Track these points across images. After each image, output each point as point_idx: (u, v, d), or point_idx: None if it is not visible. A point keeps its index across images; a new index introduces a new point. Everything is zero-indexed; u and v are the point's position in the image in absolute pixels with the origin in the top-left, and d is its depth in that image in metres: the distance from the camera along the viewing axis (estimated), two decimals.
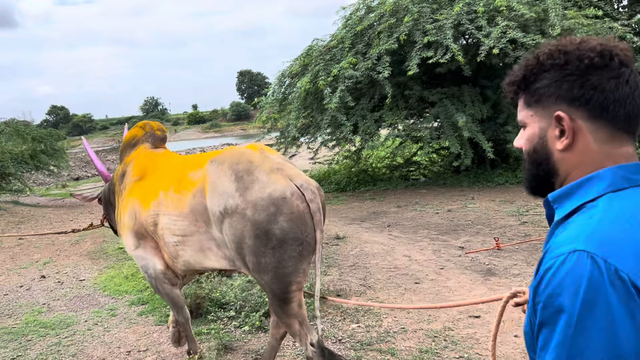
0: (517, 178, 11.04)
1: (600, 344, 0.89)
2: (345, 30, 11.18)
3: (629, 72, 1.06)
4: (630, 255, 0.92)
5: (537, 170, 1.17)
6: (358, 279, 5.93)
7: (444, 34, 9.64)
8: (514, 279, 5.49)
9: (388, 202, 10.53)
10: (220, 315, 4.92)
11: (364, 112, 11.20)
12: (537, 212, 8.22)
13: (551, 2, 9.66)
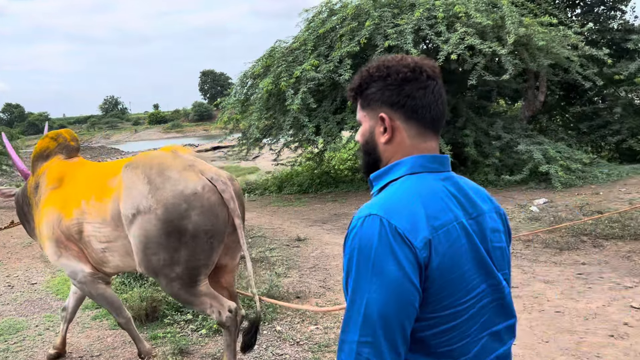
0: (475, 180, 11.17)
1: (390, 274, 1.21)
2: (307, 32, 11.19)
3: (435, 84, 1.37)
4: (405, 218, 1.24)
5: (368, 158, 1.44)
6: (318, 280, 5.94)
7: (405, 39, 9.76)
8: None
9: (350, 204, 10.58)
10: (177, 318, 4.85)
11: (326, 114, 11.23)
12: None
13: (507, 10, 9.90)
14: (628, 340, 3.93)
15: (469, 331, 1.31)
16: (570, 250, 6.29)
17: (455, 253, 1.27)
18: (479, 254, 1.32)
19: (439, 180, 1.35)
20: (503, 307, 1.40)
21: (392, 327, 1.21)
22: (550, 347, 3.93)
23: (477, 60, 9.79)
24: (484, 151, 11.20)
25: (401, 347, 1.22)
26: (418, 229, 1.24)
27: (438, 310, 1.26)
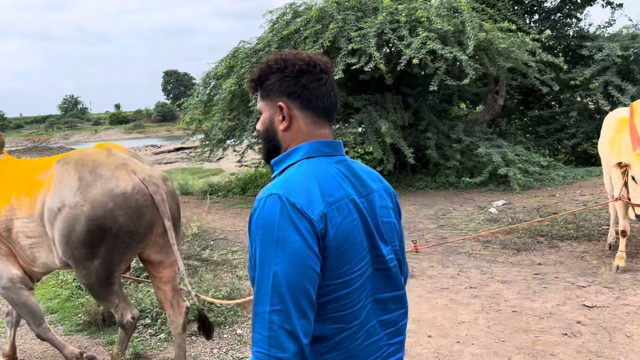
0: (436, 183, 11.42)
1: (293, 244, 1.32)
2: (271, 33, 11.15)
3: (327, 77, 1.51)
4: (302, 195, 1.36)
5: (268, 144, 1.56)
6: None
7: (368, 42, 9.82)
8: (429, 280, 5.66)
9: None
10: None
11: None
12: (453, 216, 8.54)
13: (468, 15, 10.08)
14: (581, 339, 4.05)
15: (359, 297, 1.44)
16: (527, 251, 6.44)
17: (347, 226, 1.40)
18: (368, 228, 1.47)
19: (333, 163, 1.49)
20: (388, 278, 1.53)
21: (299, 293, 1.31)
22: (506, 347, 4.01)
23: (439, 65, 9.94)
24: (445, 154, 11.38)
25: (309, 311, 1.33)
26: (314, 204, 1.36)
27: (334, 278, 1.38)
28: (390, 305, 1.54)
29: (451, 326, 4.44)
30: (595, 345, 3.92)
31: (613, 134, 5.73)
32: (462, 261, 6.26)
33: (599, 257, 5.98)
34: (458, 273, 5.83)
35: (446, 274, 5.84)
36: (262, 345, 1.30)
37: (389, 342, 1.54)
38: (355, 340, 1.44)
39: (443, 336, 4.27)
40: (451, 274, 5.80)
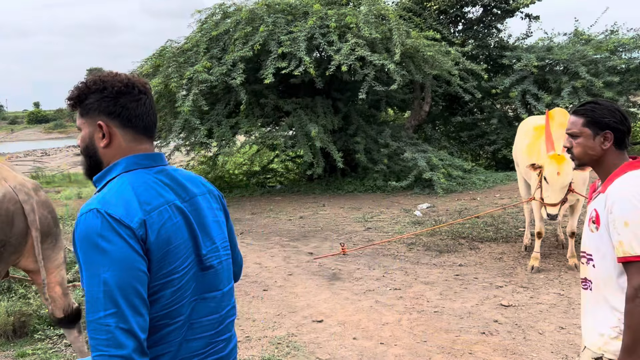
0: (364, 186, 11.61)
1: (117, 250, 1.39)
2: (200, 33, 10.95)
3: (146, 98, 1.60)
4: (121, 207, 1.44)
5: (89, 161, 1.61)
6: None
7: (298, 46, 9.85)
8: (356, 282, 5.73)
9: (243, 209, 10.47)
10: (49, 333, 4.50)
11: (219, 118, 11.03)
12: (380, 219, 8.70)
13: (395, 23, 10.33)
14: (497, 337, 4.22)
15: (184, 295, 1.52)
16: (449, 253, 6.65)
17: (169, 229, 1.49)
18: (192, 229, 1.56)
19: (152, 173, 1.57)
20: (215, 275, 1.63)
21: (131, 294, 1.38)
22: (428, 347, 4.11)
23: (368, 72, 10.11)
24: (374, 158, 11.60)
25: (142, 309, 1.40)
26: (132, 213, 1.44)
27: (159, 278, 1.46)
28: (217, 302, 1.64)
29: (376, 328, 4.51)
30: (510, 343, 4.09)
31: (531, 140, 6.01)
32: (387, 263, 6.37)
33: (515, 258, 6.26)
34: (383, 275, 5.94)
35: (372, 276, 5.93)
36: (101, 347, 1.35)
37: (219, 339, 1.64)
38: (179, 335, 1.52)
39: (368, 338, 4.32)
40: (377, 276, 5.90)
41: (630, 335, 1.89)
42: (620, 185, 1.97)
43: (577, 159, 2.11)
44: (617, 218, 1.91)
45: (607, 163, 2.05)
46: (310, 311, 4.97)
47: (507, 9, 14.21)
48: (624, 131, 2.04)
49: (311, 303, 5.18)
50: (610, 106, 2.06)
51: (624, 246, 1.89)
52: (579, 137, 2.07)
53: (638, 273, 1.87)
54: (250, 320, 4.82)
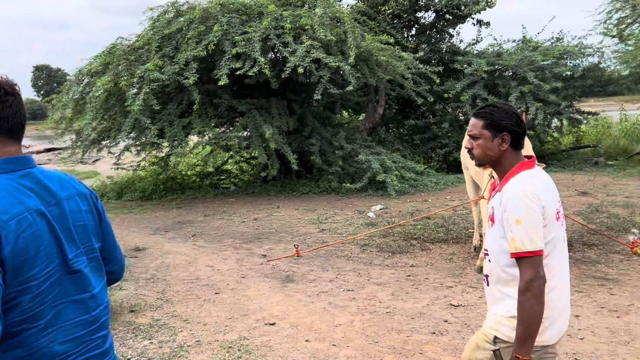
0: (319, 188, 11.62)
1: None
2: (152, 31, 10.71)
3: (13, 99, 1.57)
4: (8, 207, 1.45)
5: None
6: (156, 292, 5.66)
7: (253, 47, 9.76)
8: (309, 284, 5.71)
9: (195, 211, 10.30)
10: None
11: (171, 118, 10.82)
12: (334, 220, 8.72)
13: (350, 26, 10.39)
14: (447, 337, 4.28)
15: (45, 300, 1.52)
16: (401, 254, 6.72)
17: (29, 237, 1.48)
18: (56, 234, 1.56)
19: (15, 178, 1.55)
20: (82, 278, 1.65)
21: None
22: (380, 347, 4.13)
23: (323, 74, 10.13)
24: (328, 160, 11.63)
25: None
26: None
27: (16, 286, 1.46)
28: (87, 304, 1.66)
29: (328, 329, 4.50)
30: (460, 342, 4.16)
31: None
32: (341, 264, 6.39)
33: (465, 259, 6.39)
34: (337, 276, 5.94)
35: (325, 277, 5.93)
36: None
37: (93, 337, 1.67)
38: (40, 338, 1.53)
39: (320, 340, 4.31)
40: (330, 278, 5.90)
41: (522, 326, 1.99)
42: (514, 185, 2.09)
43: (477, 159, 2.22)
44: (510, 216, 2.03)
45: (505, 163, 2.17)
46: (262, 314, 4.92)
47: (459, 15, 14.52)
48: (520, 133, 2.17)
49: (264, 306, 5.13)
50: (507, 109, 2.18)
51: (516, 242, 2.01)
52: (479, 138, 2.18)
53: (529, 268, 1.99)
54: (201, 324, 4.73)
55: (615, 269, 5.73)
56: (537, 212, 2.01)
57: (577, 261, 6.05)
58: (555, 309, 2.10)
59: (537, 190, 2.05)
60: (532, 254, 1.99)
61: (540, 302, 1.98)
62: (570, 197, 9.19)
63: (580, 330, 4.26)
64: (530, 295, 1.97)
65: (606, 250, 6.39)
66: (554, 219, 2.09)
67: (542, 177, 2.16)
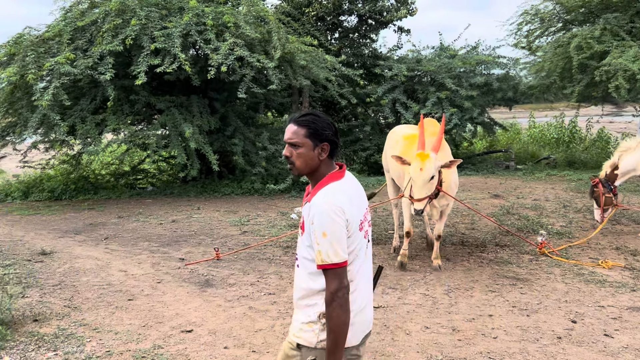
0: (242, 189, 11.41)
1: None
2: (64, 22, 10.07)
3: None
4: None
5: None
6: (63, 299, 5.29)
7: (173, 42, 9.42)
8: (229, 288, 5.55)
9: (109, 213, 9.79)
10: None
11: (83, 114, 10.24)
12: (257, 222, 8.58)
13: (274, 26, 10.28)
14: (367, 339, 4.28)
15: None
16: None
17: None
18: None
19: None
20: None
21: None
22: None
23: (246, 72, 9.94)
24: (251, 160, 11.45)
25: None
26: None
27: None
28: None
29: (248, 335, 4.38)
30: (379, 344, 4.17)
31: (402, 149, 6.26)
32: (262, 267, 6.27)
33: (385, 260, 6.47)
34: (258, 280, 5.82)
35: (246, 281, 5.79)
36: None
37: None
38: None
39: (239, 346, 4.18)
40: (251, 281, 5.77)
41: (331, 337, 2.04)
42: (321, 199, 2.11)
43: (298, 169, 2.21)
44: (317, 229, 2.06)
45: (320, 173, 2.21)
46: (179, 321, 4.71)
47: (381, 21, 14.80)
48: (337, 144, 2.22)
49: (180, 312, 4.92)
50: (327, 119, 2.21)
51: (322, 255, 2.04)
52: (301, 147, 2.17)
53: (334, 279, 2.04)
54: (112, 332, 4.46)
55: (526, 268, 6.00)
56: (341, 225, 2.06)
57: (491, 262, 6.29)
58: (354, 311, 2.14)
59: (342, 205, 2.08)
60: (337, 265, 2.04)
61: (346, 310, 2.03)
62: (483, 200, 9.57)
63: (494, 329, 4.40)
64: (336, 305, 2.02)
65: (517, 250, 6.69)
66: (357, 230, 2.14)
67: (348, 190, 2.19)
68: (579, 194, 9.91)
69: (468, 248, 6.87)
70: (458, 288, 5.43)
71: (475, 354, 3.97)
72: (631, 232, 7.52)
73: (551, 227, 7.68)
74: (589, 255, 6.44)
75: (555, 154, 15.66)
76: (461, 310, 4.84)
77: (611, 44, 11.86)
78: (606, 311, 4.73)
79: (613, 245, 6.84)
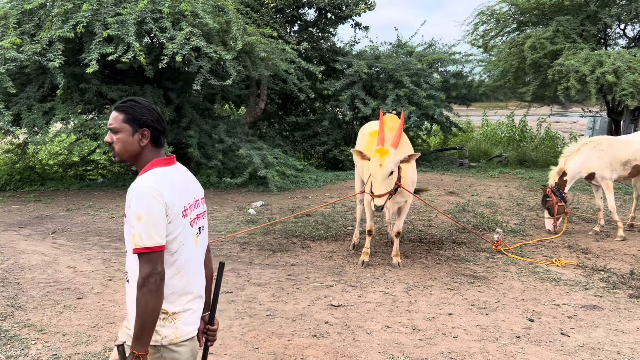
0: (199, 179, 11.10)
1: None
2: (10, 4, 9.52)
3: None
4: None
5: None
6: (6, 298, 4.97)
7: (127, 30, 9.03)
8: None
9: (57, 205, 9.35)
10: None
11: (30, 102, 9.72)
12: (214, 217, 8.36)
13: (234, 15, 10.02)
14: (328, 339, 4.19)
15: None
16: (282, 252, 6.57)
17: None
18: None
19: None
20: None
21: None
22: (260, 354, 3.93)
23: (203, 64, 9.65)
24: (207, 153, 11.17)
25: None
26: None
27: None
28: None
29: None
30: (341, 345, 4.08)
31: (366, 145, 6.23)
32: None
33: (344, 257, 6.39)
34: None
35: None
36: None
37: None
38: None
39: None
40: None
41: (139, 322, 1.99)
42: (140, 182, 2.08)
43: (118, 154, 2.18)
44: (133, 212, 2.02)
45: (144, 159, 2.18)
46: None
47: (340, 15, 14.71)
48: (160, 130, 2.20)
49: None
50: (149, 106, 2.20)
51: (136, 238, 2.00)
52: (120, 132, 2.16)
53: (146, 263, 1.99)
54: (60, 334, 4.20)
55: (483, 266, 6.04)
56: (158, 209, 2.02)
57: (448, 259, 6.31)
58: (190, 301, 2.16)
59: (161, 188, 2.05)
60: (151, 249, 2.00)
61: (157, 297, 1.99)
62: (439, 197, 9.65)
63: (454, 328, 4.39)
64: (146, 291, 1.97)
65: (473, 248, 6.74)
66: (179, 217, 2.10)
67: (173, 176, 2.16)
68: (531, 192, 10.13)
69: (426, 245, 6.89)
70: (417, 286, 5.41)
71: (436, 354, 3.93)
72: (582, 230, 7.72)
73: (506, 225, 7.80)
74: (542, 254, 6.55)
75: (507, 152, 16.02)
76: (421, 308, 4.81)
77: (564, 45, 12.18)
78: (562, 310, 4.80)
79: (565, 243, 6.99)
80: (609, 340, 4.19)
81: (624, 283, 5.52)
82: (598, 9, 12.82)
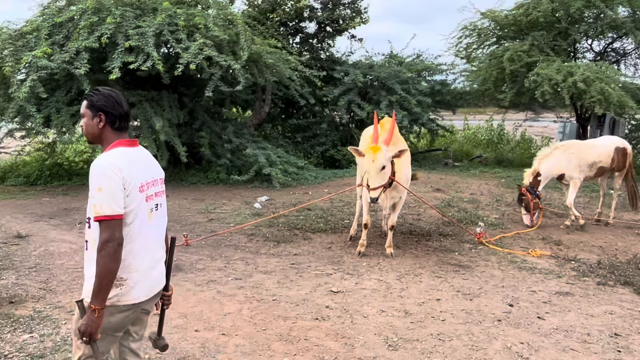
0: (208, 179, 11.11)
1: None
2: (42, 18, 9.45)
3: None
4: None
5: None
6: (38, 282, 4.96)
7: (146, 41, 8.98)
8: (198, 273, 5.34)
9: (82, 198, 9.31)
10: None
11: (59, 105, 9.66)
12: (223, 210, 8.34)
13: (242, 28, 9.98)
14: (329, 322, 4.18)
15: None
16: (286, 243, 6.56)
17: None
18: None
19: None
20: None
21: None
22: (267, 335, 3.92)
23: (214, 71, 9.61)
24: (217, 152, 11.15)
25: None
26: None
27: None
28: None
29: (217, 319, 4.20)
30: (340, 327, 4.08)
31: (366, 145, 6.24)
32: (229, 253, 6.07)
33: (342, 248, 6.38)
34: (225, 265, 5.63)
35: (214, 266, 5.59)
36: None
37: None
38: None
39: (209, 329, 4.01)
40: (219, 267, 5.57)
41: (97, 281, 2.06)
42: (102, 158, 2.16)
43: (85, 135, 2.32)
44: (94, 184, 2.11)
45: (107, 140, 2.27)
46: None
47: (338, 29, 14.68)
48: (116, 115, 2.27)
49: None
50: (107, 93, 2.29)
51: (97, 207, 2.08)
52: (84, 117, 2.29)
53: (105, 230, 2.07)
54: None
55: (467, 256, 6.05)
56: (116, 182, 2.10)
57: (436, 250, 6.31)
58: (139, 270, 2.22)
59: (119, 163, 2.14)
60: (110, 217, 2.07)
61: (114, 260, 2.07)
62: (427, 193, 9.64)
63: (442, 312, 4.39)
64: (104, 254, 2.05)
65: (458, 239, 6.74)
66: (136, 192, 2.18)
67: (134, 155, 2.25)
68: (508, 189, 10.13)
69: (415, 237, 6.88)
70: (408, 274, 5.41)
71: (426, 335, 3.94)
72: (554, 224, 7.73)
73: (487, 219, 7.80)
74: (519, 245, 6.56)
75: (486, 153, 16.01)
76: (412, 294, 4.81)
77: (538, 57, 12.19)
78: (538, 296, 4.81)
79: (540, 236, 6.99)
80: (579, 323, 4.20)
81: (592, 272, 5.53)
82: (568, 26, 12.85)
